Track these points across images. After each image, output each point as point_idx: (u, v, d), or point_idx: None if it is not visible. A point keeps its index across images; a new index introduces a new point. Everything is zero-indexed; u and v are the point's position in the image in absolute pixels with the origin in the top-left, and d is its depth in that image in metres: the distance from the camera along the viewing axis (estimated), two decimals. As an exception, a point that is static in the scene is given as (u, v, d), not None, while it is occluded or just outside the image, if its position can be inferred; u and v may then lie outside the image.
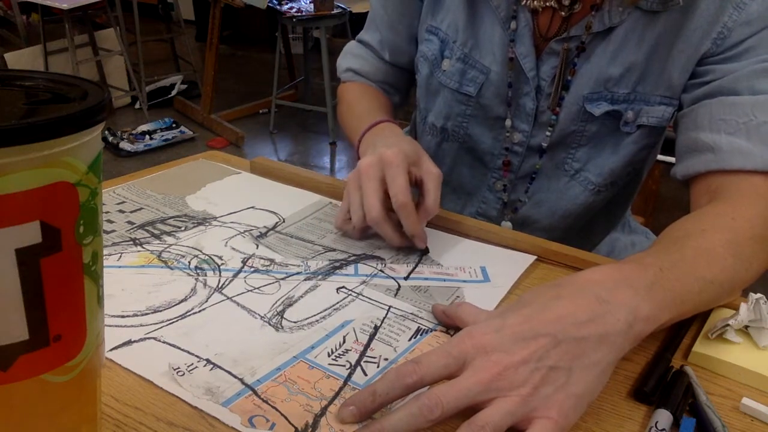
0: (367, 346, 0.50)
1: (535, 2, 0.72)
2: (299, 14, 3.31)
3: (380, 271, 0.61)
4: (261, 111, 3.81)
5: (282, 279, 0.58)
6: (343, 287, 0.58)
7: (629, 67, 0.71)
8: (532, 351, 0.41)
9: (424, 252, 0.64)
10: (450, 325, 0.53)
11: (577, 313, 0.43)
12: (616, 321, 0.43)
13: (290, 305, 0.55)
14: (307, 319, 0.53)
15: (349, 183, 0.65)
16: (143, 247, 0.62)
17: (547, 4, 0.72)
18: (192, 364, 0.46)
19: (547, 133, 0.77)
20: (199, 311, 0.53)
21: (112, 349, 0.47)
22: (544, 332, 0.41)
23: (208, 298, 0.55)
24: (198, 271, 0.59)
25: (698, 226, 0.57)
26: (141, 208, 0.71)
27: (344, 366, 0.47)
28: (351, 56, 0.92)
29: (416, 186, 0.65)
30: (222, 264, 0.60)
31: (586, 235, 0.87)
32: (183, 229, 0.67)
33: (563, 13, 0.71)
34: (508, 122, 0.78)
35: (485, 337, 0.42)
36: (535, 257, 0.64)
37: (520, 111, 0.77)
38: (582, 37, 0.71)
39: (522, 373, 0.40)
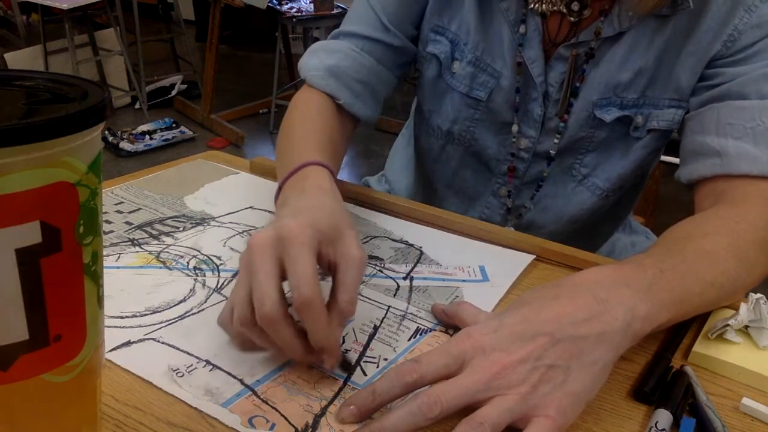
0: (366, 346, 0.50)
1: (544, 6, 0.71)
2: (299, 14, 3.31)
3: (379, 270, 0.61)
4: (261, 111, 3.81)
5: (282, 279, 0.58)
6: (342, 287, 0.58)
7: (639, 71, 0.70)
8: (531, 350, 0.41)
9: (347, 374, 0.47)
10: (450, 324, 0.53)
11: (575, 312, 0.43)
12: (614, 320, 0.43)
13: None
14: (306, 319, 0.53)
15: (240, 266, 0.47)
16: (142, 248, 0.62)
17: (556, 8, 0.71)
18: (191, 365, 0.46)
19: (555, 140, 0.76)
20: (198, 312, 0.53)
21: (111, 350, 0.47)
22: (542, 331, 0.42)
23: (207, 299, 0.55)
24: (197, 272, 0.59)
25: (701, 228, 0.57)
26: (139, 209, 0.71)
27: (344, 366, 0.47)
28: (325, 53, 0.77)
29: (329, 272, 0.48)
30: (221, 264, 0.60)
31: (590, 238, 0.87)
32: (181, 229, 0.67)
33: (572, 19, 0.71)
34: (515, 128, 0.77)
35: (484, 337, 0.42)
36: (534, 256, 0.64)
37: (528, 117, 0.76)
38: (591, 42, 0.70)
39: (520, 371, 0.40)
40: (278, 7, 3.38)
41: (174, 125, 3.44)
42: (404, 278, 0.60)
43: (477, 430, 0.38)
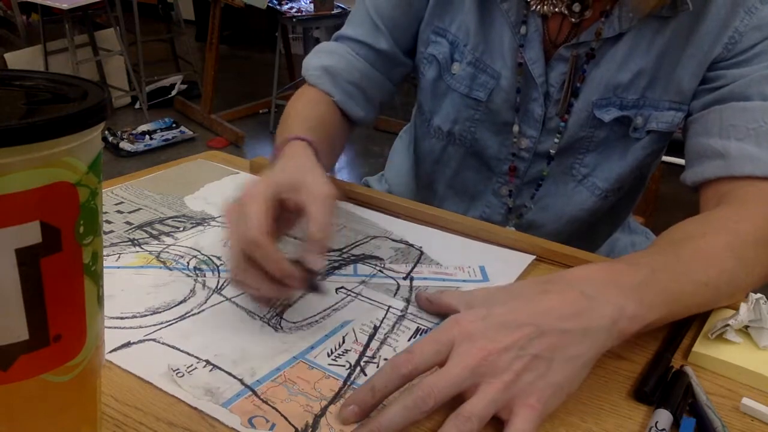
0: (366, 346, 0.50)
1: (545, 8, 0.71)
2: (299, 14, 3.31)
3: (379, 270, 0.61)
4: (261, 111, 3.81)
5: (282, 279, 0.58)
6: (342, 287, 0.58)
7: (639, 72, 0.70)
8: (516, 339, 0.42)
9: (313, 289, 0.53)
10: (434, 312, 0.54)
11: (563, 306, 0.44)
12: (600, 317, 0.44)
13: (289, 305, 0.55)
14: (306, 319, 0.53)
15: None
16: (142, 248, 0.62)
17: (557, 9, 0.71)
18: (191, 365, 0.46)
19: (555, 140, 0.76)
20: (198, 312, 0.53)
21: (111, 351, 0.47)
22: (528, 322, 0.43)
23: (207, 299, 0.55)
24: (197, 272, 0.59)
25: (700, 228, 0.57)
26: (139, 209, 0.71)
27: (344, 366, 0.47)
28: (324, 54, 0.82)
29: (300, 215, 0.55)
30: (221, 264, 0.60)
31: (589, 238, 0.87)
32: (181, 229, 0.67)
33: (573, 20, 0.71)
34: (515, 128, 0.78)
35: (472, 325, 0.43)
36: (534, 257, 0.64)
37: (528, 117, 0.77)
38: (591, 43, 0.71)
39: (505, 359, 0.41)
40: (278, 7, 3.37)
41: (174, 125, 3.44)
42: (404, 278, 0.60)
43: (465, 425, 0.39)
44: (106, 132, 3.19)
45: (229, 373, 0.46)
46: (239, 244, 0.50)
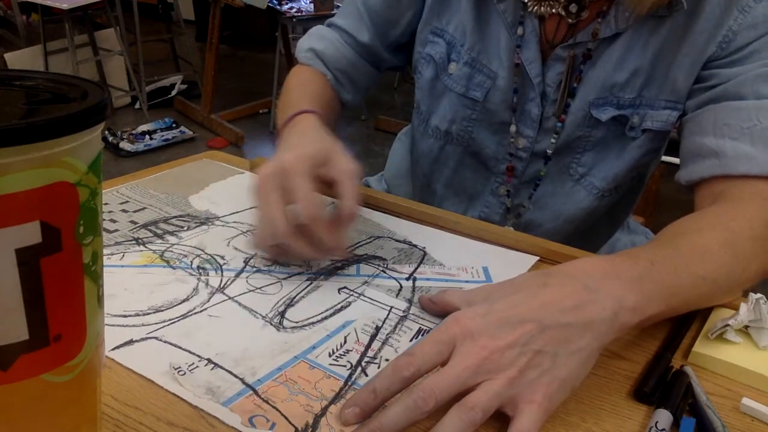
0: (368, 346, 0.50)
1: (542, 8, 0.71)
2: (299, 14, 3.32)
3: (382, 271, 0.61)
4: (261, 111, 3.81)
5: (284, 279, 0.58)
6: (344, 287, 0.58)
7: (635, 71, 0.70)
8: (518, 335, 0.42)
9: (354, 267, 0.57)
10: (437, 313, 0.54)
11: (563, 300, 0.44)
12: (601, 309, 0.44)
13: (292, 305, 0.55)
14: (308, 319, 0.53)
15: (254, 198, 0.58)
16: (146, 247, 0.62)
17: (554, 10, 0.71)
18: (193, 363, 0.46)
19: (552, 140, 0.76)
20: (201, 311, 0.53)
21: (113, 349, 0.47)
22: (530, 318, 0.43)
23: (209, 298, 0.55)
24: (200, 271, 0.59)
25: (696, 225, 0.57)
26: (144, 208, 0.71)
27: (345, 366, 0.47)
28: (315, 37, 0.87)
29: (329, 188, 0.60)
30: (224, 264, 0.60)
31: (589, 239, 0.87)
32: (185, 228, 0.67)
33: (570, 20, 0.71)
34: (513, 128, 0.78)
35: (472, 322, 0.43)
36: (538, 258, 0.64)
37: (525, 117, 0.77)
38: (588, 43, 0.71)
39: (508, 356, 0.41)
40: (278, 7, 3.38)
41: (174, 125, 3.44)
42: (407, 279, 0.60)
43: (468, 415, 0.39)
44: (106, 132, 3.20)
45: (231, 372, 0.46)
46: (280, 213, 0.54)
